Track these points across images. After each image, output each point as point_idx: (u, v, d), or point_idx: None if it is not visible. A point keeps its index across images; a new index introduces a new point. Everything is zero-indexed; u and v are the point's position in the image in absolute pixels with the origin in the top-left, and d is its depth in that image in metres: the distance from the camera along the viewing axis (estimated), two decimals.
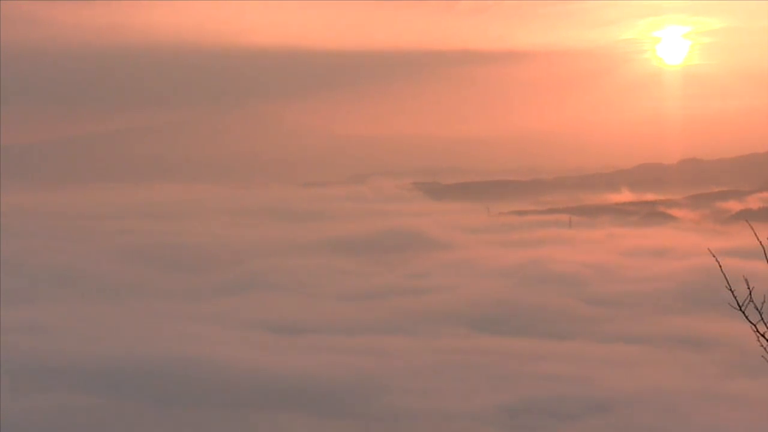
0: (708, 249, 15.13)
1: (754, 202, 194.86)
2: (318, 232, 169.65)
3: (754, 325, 12.22)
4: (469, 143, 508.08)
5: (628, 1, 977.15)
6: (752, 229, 13.35)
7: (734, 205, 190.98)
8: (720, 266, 13.03)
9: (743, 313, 12.14)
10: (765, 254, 12.44)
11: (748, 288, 12.38)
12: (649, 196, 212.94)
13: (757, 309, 12.14)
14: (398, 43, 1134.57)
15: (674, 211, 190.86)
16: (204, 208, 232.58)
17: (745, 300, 12.18)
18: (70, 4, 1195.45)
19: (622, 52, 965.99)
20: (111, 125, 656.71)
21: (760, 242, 12.60)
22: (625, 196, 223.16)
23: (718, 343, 79.87)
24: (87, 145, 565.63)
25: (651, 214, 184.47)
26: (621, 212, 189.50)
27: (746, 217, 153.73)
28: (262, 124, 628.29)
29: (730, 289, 12.34)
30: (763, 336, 12.24)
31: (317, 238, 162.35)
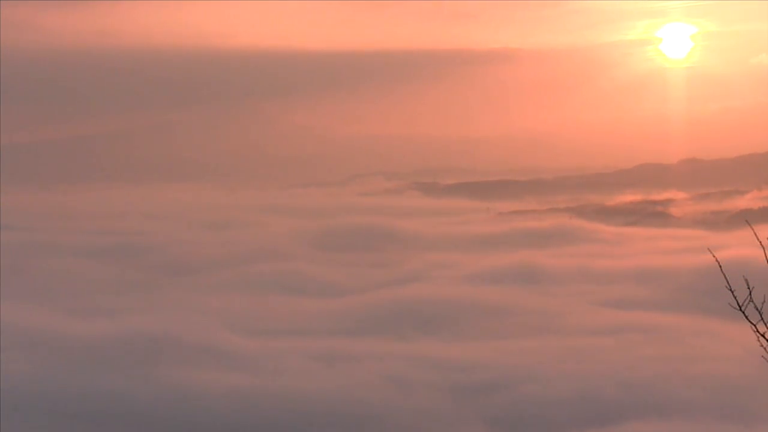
0: (708, 249, 15.14)
1: (754, 201, 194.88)
2: (316, 233, 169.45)
3: (754, 325, 12.23)
4: (468, 143, 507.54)
5: (629, 1, 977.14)
6: (752, 229, 13.36)
7: (734, 205, 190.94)
8: (720, 266, 13.04)
9: (743, 313, 12.15)
10: (765, 254, 12.45)
11: (748, 288, 12.39)
12: (649, 196, 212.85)
13: (757, 309, 12.14)
14: (397, 43, 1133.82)
15: (674, 211, 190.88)
16: (203, 208, 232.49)
17: (745, 300, 12.18)
18: (70, 5, 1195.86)
19: (623, 53, 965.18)
20: (111, 125, 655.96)
21: (760, 242, 12.61)
22: (625, 196, 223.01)
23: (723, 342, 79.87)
24: (87, 145, 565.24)
25: (651, 214, 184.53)
26: (621, 212, 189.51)
27: (746, 216, 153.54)
28: (261, 124, 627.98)
29: (730, 290, 12.35)
30: (763, 336, 12.24)
31: (315, 238, 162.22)
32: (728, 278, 12.42)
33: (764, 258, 12.42)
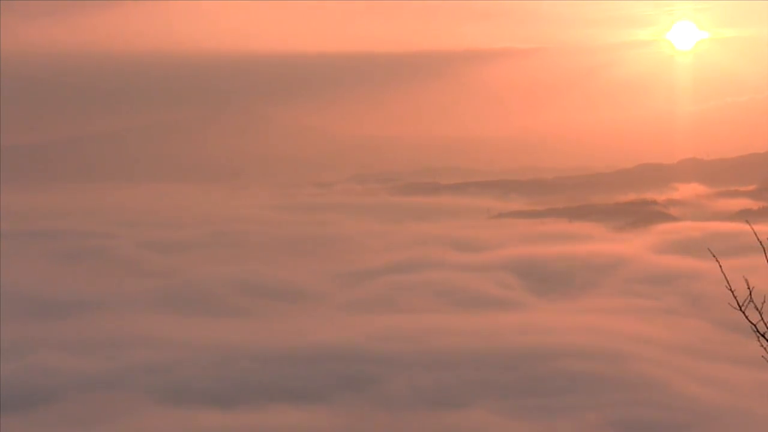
0: (708, 249, 15.08)
1: (753, 202, 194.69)
2: (315, 233, 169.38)
3: (754, 325, 12.16)
4: (468, 143, 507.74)
5: (632, 1, 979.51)
6: (752, 229, 13.29)
7: (734, 205, 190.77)
8: (720, 266, 12.98)
9: (743, 313, 12.08)
10: (765, 254, 12.37)
11: (748, 288, 12.32)
12: (649, 196, 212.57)
13: (757, 309, 12.08)
14: (397, 44, 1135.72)
15: (674, 211, 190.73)
16: (203, 208, 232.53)
17: (745, 300, 12.12)
18: (71, 5, 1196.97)
19: (623, 53, 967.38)
20: (111, 126, 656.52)
21: (760, 242, 12.54)
22: (625, 196, 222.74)
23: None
24: (87, 145, 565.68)
25: (651, 214, 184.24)
26: (621, 212, 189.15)
27: (746, 216, 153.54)
28: (262, 125, 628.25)
29: (730, 289, 12.29)
30: (763, 336, 12.17)
31: (314, 239, 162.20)
32: (728, 278, 12.35)
33: (764, 258, 12.35)
